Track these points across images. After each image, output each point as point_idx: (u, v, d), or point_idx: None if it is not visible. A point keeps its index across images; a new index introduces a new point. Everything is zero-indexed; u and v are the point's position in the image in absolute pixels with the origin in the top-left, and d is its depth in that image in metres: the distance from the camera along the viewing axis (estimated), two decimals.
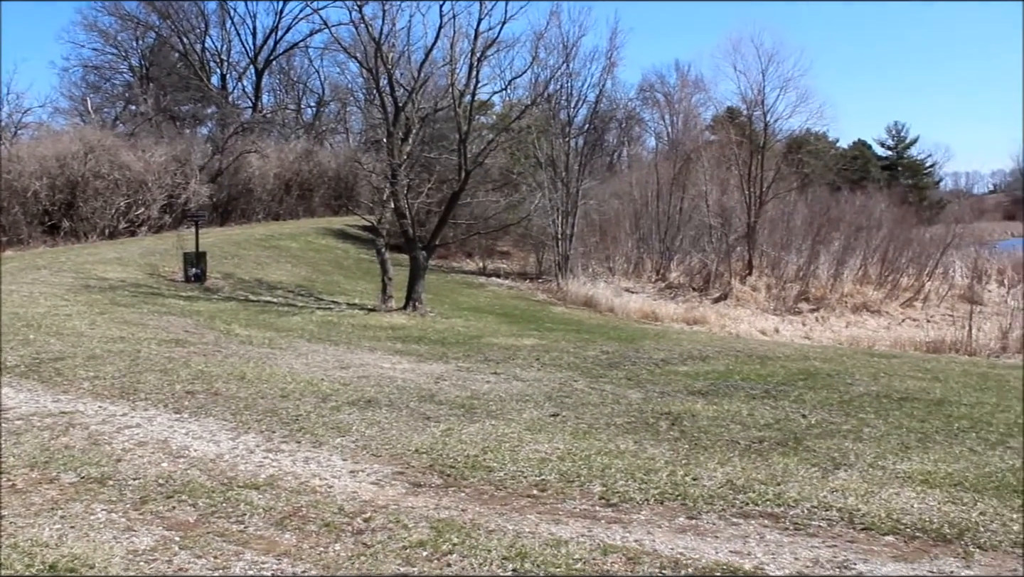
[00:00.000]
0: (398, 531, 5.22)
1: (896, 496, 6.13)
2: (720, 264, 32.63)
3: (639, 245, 35.72)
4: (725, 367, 12.33)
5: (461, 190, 20.34)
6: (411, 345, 13.99)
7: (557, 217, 32.73)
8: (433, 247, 21.01)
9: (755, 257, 33.46)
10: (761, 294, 29.72)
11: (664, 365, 12.49)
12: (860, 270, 33.05)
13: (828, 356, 14.18)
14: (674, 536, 5.32)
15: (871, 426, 8.45)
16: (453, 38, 19.92)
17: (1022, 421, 8.76)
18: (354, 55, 21.86)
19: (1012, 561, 5.02)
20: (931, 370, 12.49)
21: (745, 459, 7.01)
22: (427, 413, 8.53)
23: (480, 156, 21.25)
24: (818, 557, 5.04)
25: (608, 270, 33.75)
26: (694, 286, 31.66)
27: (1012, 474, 6.71)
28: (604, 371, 11.77)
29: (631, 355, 13.47)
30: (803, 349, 16.07)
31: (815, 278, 31.40)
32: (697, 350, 14.26)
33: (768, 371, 12.00)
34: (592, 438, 7.62)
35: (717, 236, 34.12)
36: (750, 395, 10.05)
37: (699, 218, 35.88)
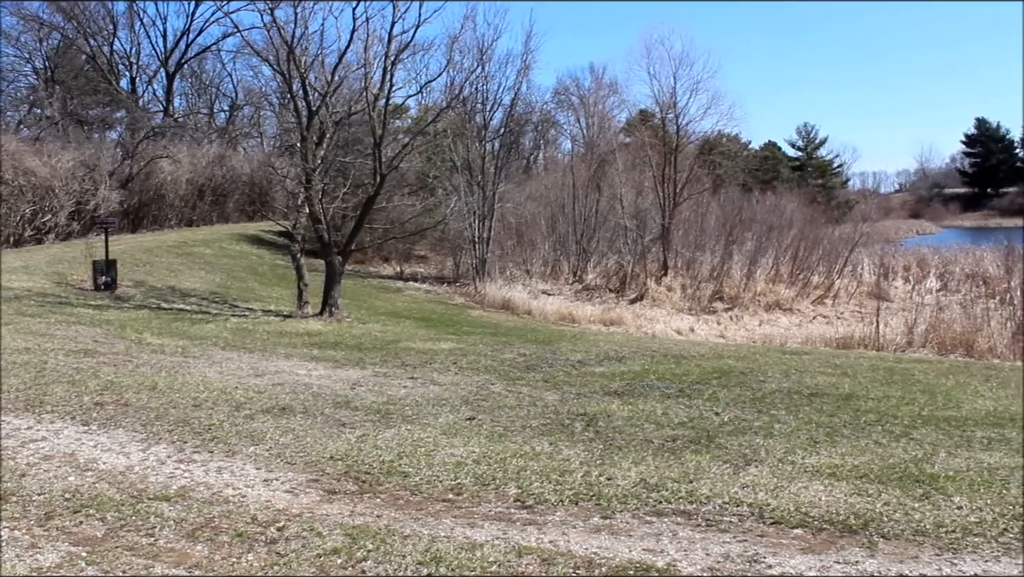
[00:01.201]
0: (312, 539, 5.17)
1: (805, 490, 6.26)
2: (636, 265, 32.97)
3: (556, 247, 35.94)
4: (641, 367, 12.47)
5: (376, 194, 20.25)
6: (327, 351, 13.88)
7: (474, 220, 32.80)
8: (349, 252, 20.88)
9: (670, 258, 33.89)
10: (676, 294, 30.10)
11: (581, 366, 12.59)
12: (772, 269, 33.69)
13: (741, 354, 14.42)
14: (588, 536, 5.37)
15: (782, 422, 8.63)
16: (367, 41, 19.85)
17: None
18: (267, 59, 21.63)
19: (914, 549, 5.16)
20: (840, 366, 12.77)
21: (659, 458, 7.10)
22: (342, 419, 8.47)
23: (395, 160, 21.19)
24: (729, 552, 5.12)
25: (525, 273, 33.89)
26: (611, 287, 31.94)
27: (915, 465, 6.91)
28: (521, 374, 11.82)
29: (548, 357, 13.54)
30: (717, 348, 16.32)
31: (729, 277, 31.92)
32: (613, 351, 14.39)
33: (683, 370, 12.16)
34: (508, 441, 7.65)
35: (633, 237, 34.46)
36: (665, 394, 10.18)
37: (615, 220, 36.23)
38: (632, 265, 33.12)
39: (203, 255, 29.07)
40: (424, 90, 30.94)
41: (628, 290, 31.22)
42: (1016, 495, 6.16)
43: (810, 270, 33.43)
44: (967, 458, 7.16)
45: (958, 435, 8.05)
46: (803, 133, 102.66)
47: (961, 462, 7.03)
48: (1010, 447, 7.59)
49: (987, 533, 5.44)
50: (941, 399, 10.02)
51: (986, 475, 6.64)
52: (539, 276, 33.79)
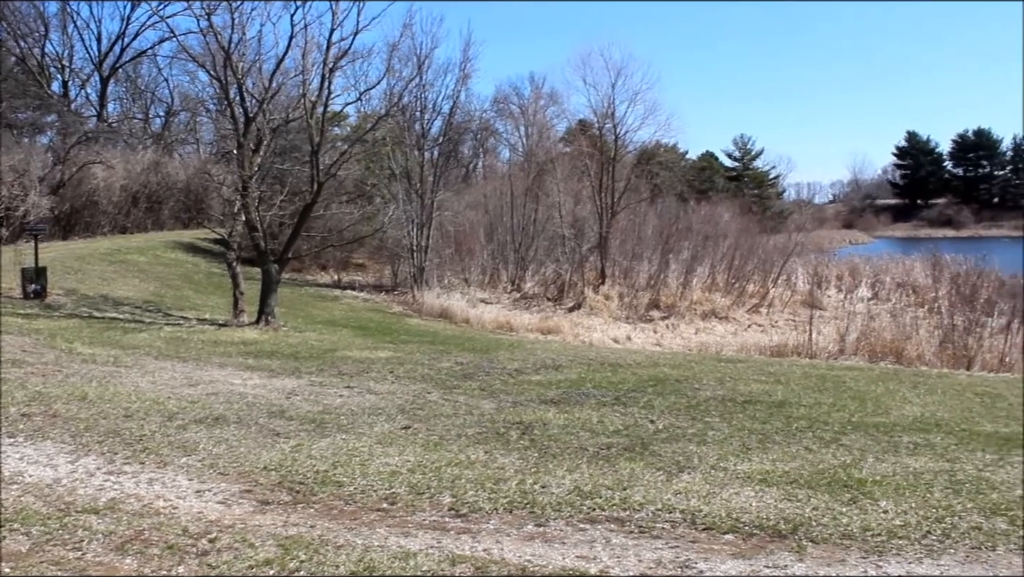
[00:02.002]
0: (244, 550, 5.13)
1: (736, 496, 6.35)
2: (574, 274, 33.13)
3: (494, 256, 35.98)
4: (577, 375, 12.53)
5: (314, 202, 20.13)
6: (263, 360, 13.76)
7: (412, 229, 32.72)
8: (286, 260, 20.71)
9: (608, 266, 34.10)
10: (614, 303, 30.29)
11: (518, 375, 12.62)
12: (708, 278, 34.07)
13: (677, 362, 14.55)
14: (522, 544, 5.39)
15: (715, 429, 8.73)
16: (305, 48, 19.73)
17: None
18: (203, 64, 21.37)
19: (841, 552, 5.26)
20: (774, 373, 12.95)
21: (593, 465, 7.15)
22: (277, 429, 8.41)
23: (333, 168, 21.07)
24: (661, 558, 5.18)
25: (464, 281, 33.89)
26: (548, 296, 32.05)
27: (843, 470, 7.04)
28: (458, 382, 11.82)
29: (485, 366, 13.56)
30: (653, 356, 16.46)
31: (665, 286, 32.20)
32: (550, 359, 14.44)
33: (619, 378, 12.25)
34: (443, 449, 7.65)
35: (571, 246, 34.63)
36: (601, 402, 10.25)
37: (553, 229, 36.37)
38: (570, 274, 33.28)
39: (137, 263, 28.63)
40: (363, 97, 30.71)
41: (566, 299, 31.35)
42: (939, 498, 6.32)
43: (745, 279, 33.86)
44: (894, 463, 7.32)
45: (886, 441, 8.22)
46: (740, 144, 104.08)
47: (888, 467, 7.18)
48: (935, 452, 7.77)
49: (911, 536, 5.57)
50: (871, 405, 10.21)
51: (911, 479, 6.79)
52: (477, 284, 33.81)
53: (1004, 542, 5.49)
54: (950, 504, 6.20)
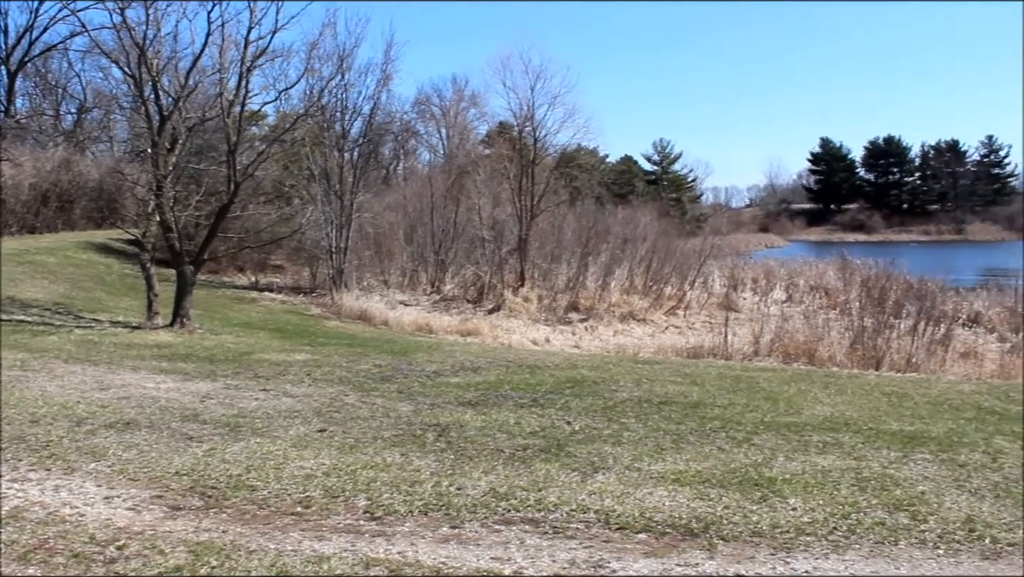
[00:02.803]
0: (154, 557, 5.04)
1: (650, 495, 6.43)
2: (493, 276, 33.20)
3: (414, 258, 35.89)
4: (496, 377, 12.55)
5: (230, 203, 19.86)
6: (177, 363, 13.53)
7: (331, 230, 32.46)
8: (201, 261, 20.40)
9: (527, 269, 34.23)
10: (533, 305, 30.40)
11: (436, 377, 12.60)
12: (627, 280, 34.39)
13: (595, 364, 14.66)
14: (437, 546, 5.39)
15: (631, 430, 8.82)
16: (222, 46, 19.43)
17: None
18: (116, 60, 20.88)
19: (751, 549, 5.37)
20: (690, 375, 13.11)
21: (509, 467, 7.18)
22: (190, 433, 8.27)
23: (250, 168, 20.79)
24: (575, 558, 5.22)
25: (383, 283, 33.74)
26: (468, 298, 32.06)
27: (754, 469, 7.18)
28: (376, 385, 11.75)
29: (404, 368, 13.51)
30: (572, 358, 16.56)
31: (584, 288, 32.42)
32: (469, 361, 14.44)
33: (537, 380, 12.30)
34: (359, 452, 7.61)
35: (491, 248, 34.68)
36: (518, 404, 10.28)
37: (473, 231, 36.39)
38: (490, 276, 33.33)
39: (46, 264, 27.90)
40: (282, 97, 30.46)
41: (485, 301, 31.39)
42: (846, 495, 6.48)
43: (663, 281, 34.25)
44: (803, 461, 7.48)
45: (796, 440, 8.39)
46: (659, 148, 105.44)
47: (797, 465, 7.33)
48: (843, 450, 7.95)
49: (818, 532, 5.71)
50: (783, 406, 10.40)
51: (820, 477, 6.95)
52: (397, 286, 33.69)
53: (906, 537, 5.66)
54: (856, 501, 6.36)
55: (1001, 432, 8.96)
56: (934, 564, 5.24)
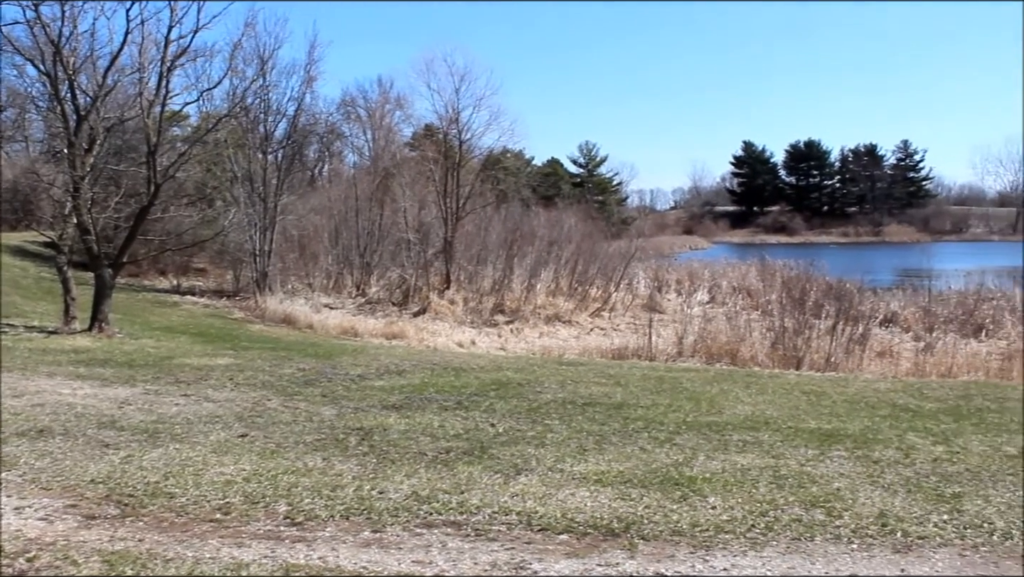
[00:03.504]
0: (66, 568, 4.93)
1: (572, 496, 6.47)
2: (419, 279, 33.09)
3: (339, 261, 35.62)
4: (421, 380, 12.52)
5: (150, 205, 19.48)
6: (95, 369, 13.24)
7: (255, 233, 32.09)
8: (121, 264, 20.00)
9: (453, 271, 34.19)
10: (459, 307, 30.36)
11: (360, 380, 12.52)
12: (552, 282, 34.51)
13: (520, 366, 14.69)
14: (358, 551, 5.36)
15: (555, 431, 8.86)
16: (142, 44, 19.02)
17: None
18: (31, 58, 20.34)
19: (671, 548, 5.43)
20: (614, 376, 13.21)
21: (431, 470, 7.16)
22: (106, 440, 8.10)
23: (172, 169, 20.41)
24: (496, 560, 5.23)
25: (308, 286, 33.43)
26: (394, 301, 31.92)
27: (675, 468, 7.26)
28: (299, 389, 11.65)
29: (328, 372, 13.41)
30: (497, 360, 16.58)
31: (510, 291, 32.46)
32: (394, 364, 14.38)
33: (462, 383, 12.29)
34: (280, 457, 7.53)
35: (416, 251, 34.57)
36: (443, 407, 10.26)
37: (398, 233, 36.23)
38: (415, 278, 33.22)
39: None
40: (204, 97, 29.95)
41: (411, 303, 31.29)
42: (764, 493, 6.58)
43: (588, 283, 34.44)
44: (723, 460, 7.58)
45: (717, 439, 8.51)
46: (585, 151, 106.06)
47: (718, 464, 7.43)
48: (762, 448, 8.08)
49: (737, 530, 5.79)
50: (705, 406, 10.53)
51: (739, 476, 7.06)
52: (322, 289, 33.40)
53: (821, 532, 5.77)
54: (774, 498, 6.47)
55: (914, 429, 9.18)
56: (848, 559, 5.35)
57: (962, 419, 9.82)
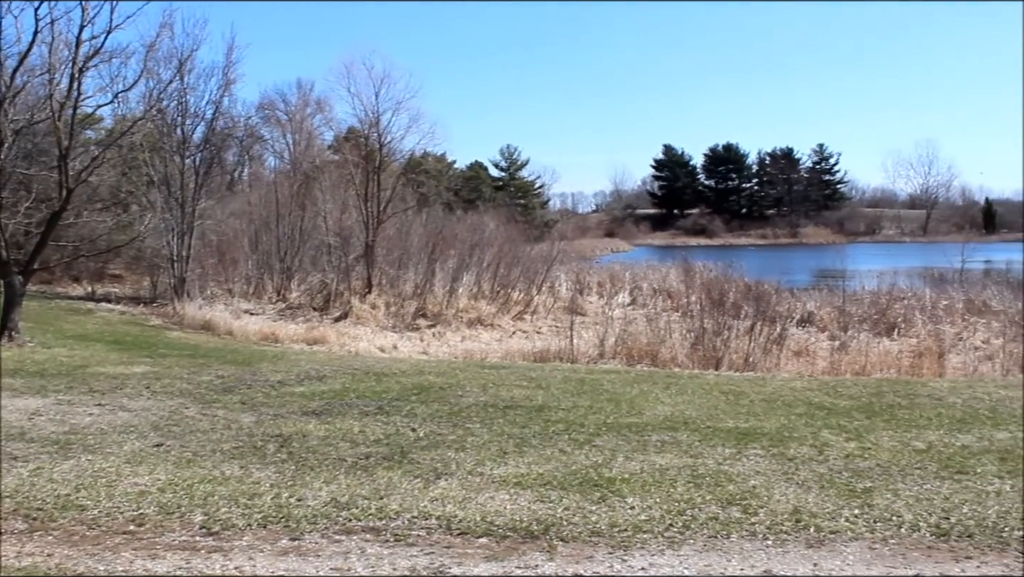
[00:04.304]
0: None
1: (491, 500, 6.49)
2: (340, 283, 32.82)
3: (259, 265, 35.15)
4: (341, 385, 12.43)
5: (63, 210, 19.02)
6: (4, 379, 12.85)
7: (172, 238, 31.50)
8: (31, 271, 19.50)
9: (374, 275, 33.96)
10: (380, 312, 30.15)
11: (280, 387, 12.38)
12: (475, 286, 34.47)
13: (442, 370, 14.65)
14: (276, 559, 5.31)
15: (475, 435, 8.86)
16: (52, 44, 18.56)
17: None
18: None
19: (590, 549, 5.48)
20: (535, 379, 13.25)
21: (351, 476, 7.12)
22: (15, 453, 7.89)
23: (84, 173, 19.95)
24: (415, 565, 5.22)
25: (227, 292, 32.94)
26: (315, 305, 31.60)
27: (595, 470, 7.32)
28: (218, 396, 11.48)
29: (248, 378, 13.24)
30: (419, 364, 16.52)
31: (432, 295, 32.35)
32: (315, 370, 14.25)
33: (383, 387, 12.23)
34: (197, 466, 7.42)
35: (337, 255, 34.28)
36: (363, 412, 10.20)
37: (319, 237, 35.90)
38: (336, 283, 32.93)
39: None
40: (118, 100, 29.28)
41: (332, 308, 30.99)
42: (682, 492, 6.67)
43: (511, 286, 34.48)
44: (642, 461, 7.67)
45: (636, 440, 8.59)
46: (506, 154, 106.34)
47: (636, 465, 7.51)
48: (680, 448, 8.19)
49: (655, 529, 5.87)
50: (625, 407, 10.62)
51: (657, 476, 7.14)
52: (241, 295, 32.93)
53: (737, 529, 5.88)
54: (691, 497, 6.56)
55: (828, 426, 9.38)
56: (763, 555, 5.45)
57: (874, 416, 10.05)
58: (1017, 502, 6.53)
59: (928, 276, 41.16)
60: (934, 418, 9.87)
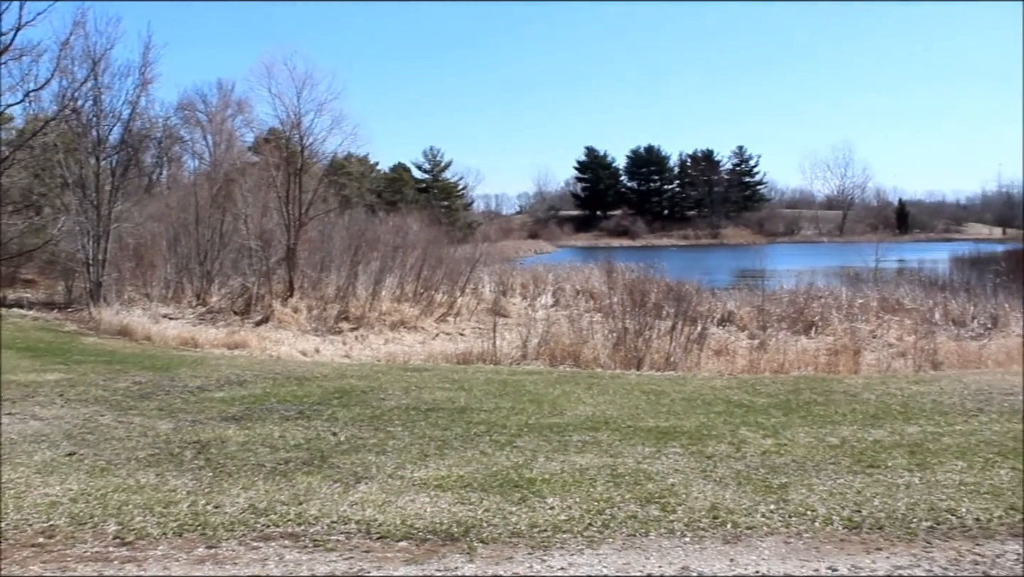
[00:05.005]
0: None
1: (412, 503, 6.47)
2: (262, 287, 32.43)
3: (179, 269, 34.58)
4: (262, 390, 12.28)
5: None
6: None
7: (88, 242, 30.82)
8: None
9: (296, 279, 33.63)
10: (303, 315, 29.86)
11: (200, 392, 12.20)
12: (398, 288, 34.32)
13: (364, 373, 14.56)
14: (192, 568, 5.23)
15: (397, 438, 8.83)
16: None
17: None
18: None
19: (510, 550, 5.50)
20: (458, 381, 13.23)
21: (270, 482, 7.04)
22: None
23: None
24: (334, 571, 5.19)
25: (145, 296, 32.34)
26: (236, 310, 31.16)
27: (515, 471, 7.35)
28: (135, 403, 11.26)
29: (166, 384, 13.00)
30: (341, 368, 16.39)
31: (355, 297, 32.13)
32: (235, 375, 14.06)
33: (305, 392, 12.12)
34: (111, 475, 7.27)
35: (258, 258, 33.86)
36: (284, 417, 10.10)
37: (240, 240, 35.41)
38: (258, 287, 32.52)
39: None
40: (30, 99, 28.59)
41: (254, 312, 30.59)
42: (601, 491, 6.73)
43: (434, 289, 34.41)
44: (562, 461, 7.71)
45: (557, 440, 8.64)
46: (429, 156, 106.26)
47: (557, 465, 7.55)
48: (601, 448, 8.25)
49: (574, 529, 5.91)
50: (547, 407, 10.65)
51: (577, 475, 7.19)
52: (160, 299, 32.34)
53: (656, 528, 5.95)
54: (611, 496, 6.61)
55: (746, 423, 9.53)
56: (681, 552, 5.53)
57: (791, 412, 10.24)
58: (925, 494, 6.71)
59: (844, 275, 42.11)
60: (848, 414, 10.09)
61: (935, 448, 8.24)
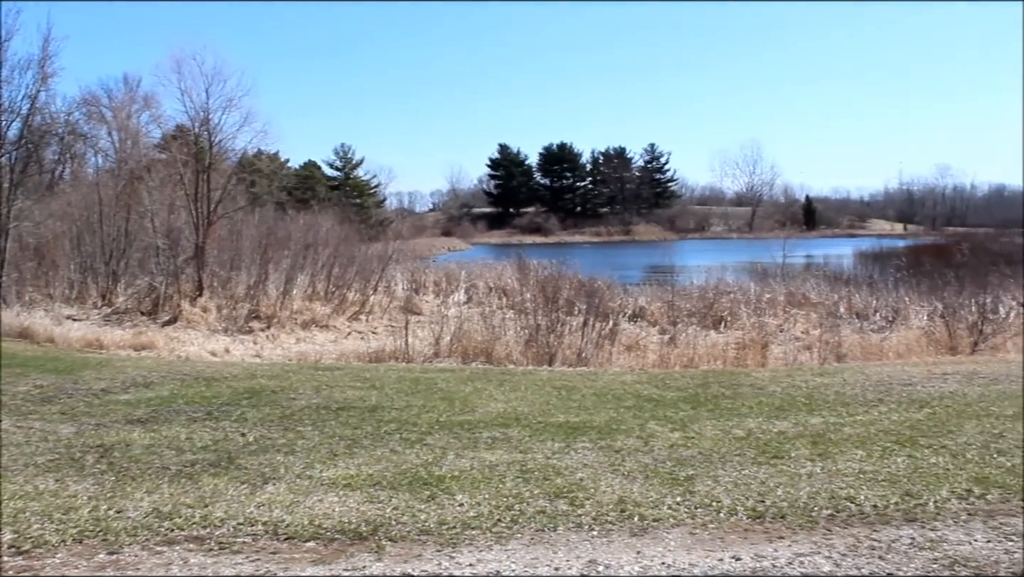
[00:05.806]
0: None
1: (320, 503, 6.42)
2: (169, 286, 31.80)
3: (83, 269, 33.73)
4: (169, 392, 12.06)
5: None
6: None
7: None
8: None
9: (205, 278, 33.06)
10: (212, 315, 29.36)
11: (104, 395, 11.92)
12: (309, 287, 33.96)
13: (275, 373, 14.41)
14: (92, 575, 5.12)
15: (306, 438, 8.76)
16: None
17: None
18: None
19: (418, 548, 5.50)
20: (370, 379, 13.18)
21: (175, 484, 6.92)
22: None
23: None
24: (240, 573, 5.13)
25: (48, 297, 31.48)
26: (143, 310, 30.52)
27: (425, 469, 7.35)
28: (35, 407, 10.96)
29: (69, 387, 12.68)
30: (251, 368, 16.17)
31: (266, 296, 31.70)
32: (142, 377, 13.78)
33: (213, 392, 11.94)
34: (7, 482, 7.06)
35: (166, 257, 33.21)
36: (191, 418, 9.94)
37: (147, 239, 34.68)
38: (165, 286, 31.86)
39: None
40: None
41: (161, 312, 29.98)
42: (511, 487, 6.77)
43: (346, 287, 34.14)
44: (472, 458, 7.73)
45: (467, 437, 8.66)
46: (341, 153, 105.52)
47: (466, 462, 7.57)
48: (511, 444, 8.30)
49: (483, 525, 5.93)
50: (459, 405, 10.68)
51: (487, 472, 7.22)
52: (63, 300, 31.51)
53: (564, 522, 6.00)
54: (520, 492, 6.65)
55: (655, 417, 9.67)
56: (588, 545, 5.59)
57: (699, 406, 10.43)
58: (826, 483, 6.89)
59: (753, 271, 42.88)
60: (755, 406, 10.32)
61: (836, 438, 8.48)
